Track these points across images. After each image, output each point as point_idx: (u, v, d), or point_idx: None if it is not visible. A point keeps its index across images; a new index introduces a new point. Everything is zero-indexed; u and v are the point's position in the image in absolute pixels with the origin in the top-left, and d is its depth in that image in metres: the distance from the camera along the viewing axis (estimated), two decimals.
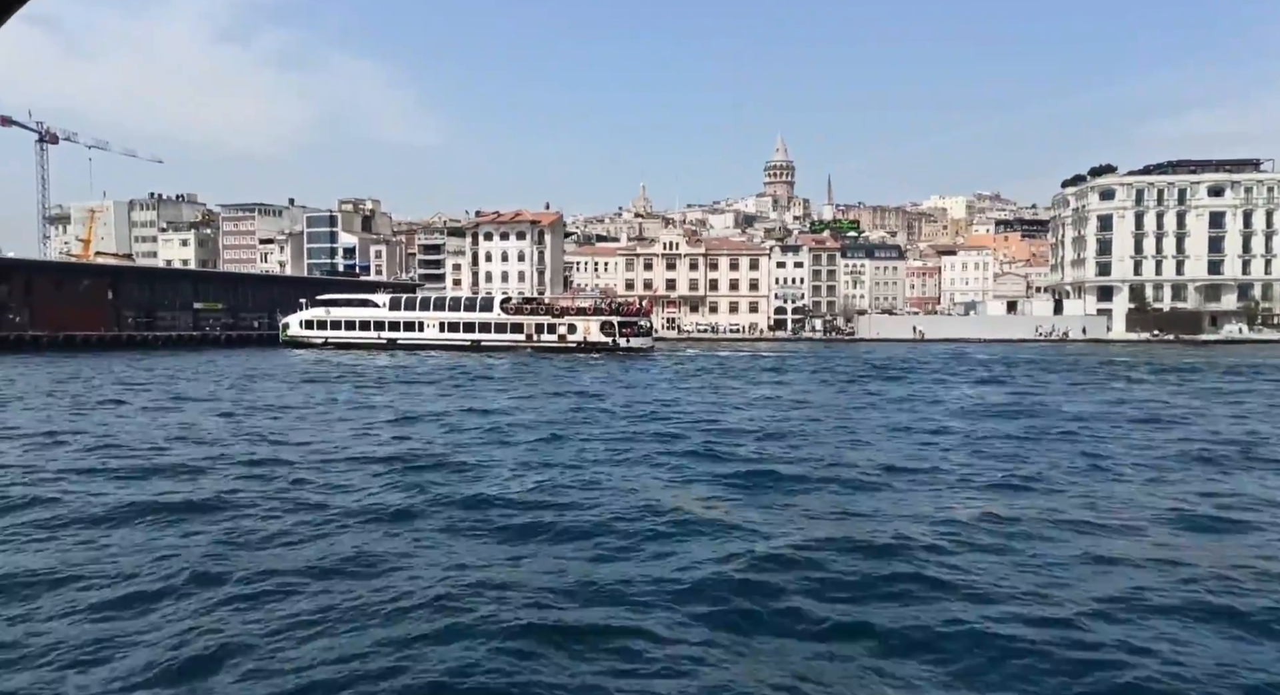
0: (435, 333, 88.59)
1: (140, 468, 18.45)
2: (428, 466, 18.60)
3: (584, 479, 17.29)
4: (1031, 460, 19.67)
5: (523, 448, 21.62)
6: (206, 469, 18.29)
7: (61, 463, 19.16)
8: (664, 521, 13.52)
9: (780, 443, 22.41)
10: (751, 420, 27.54)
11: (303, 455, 20.05)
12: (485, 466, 18.77)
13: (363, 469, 18.30)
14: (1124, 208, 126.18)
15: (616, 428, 25.79)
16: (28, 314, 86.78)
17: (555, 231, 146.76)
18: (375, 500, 15.12)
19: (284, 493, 15.79)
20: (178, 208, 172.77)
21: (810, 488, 16.45)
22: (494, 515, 14.02)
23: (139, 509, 14.32)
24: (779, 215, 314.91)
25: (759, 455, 20.25)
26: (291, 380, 45.83)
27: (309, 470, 18.09)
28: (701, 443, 22.03)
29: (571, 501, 15.06)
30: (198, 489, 16.13)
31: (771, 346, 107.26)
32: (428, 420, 27.67)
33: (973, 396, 35.92)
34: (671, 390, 40.16)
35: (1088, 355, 77.95)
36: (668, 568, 11.14)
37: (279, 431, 24.47)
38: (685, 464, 19.15)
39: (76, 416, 28.26)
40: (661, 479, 17.47)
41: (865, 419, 28.17)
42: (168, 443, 22.24)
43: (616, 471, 18.30)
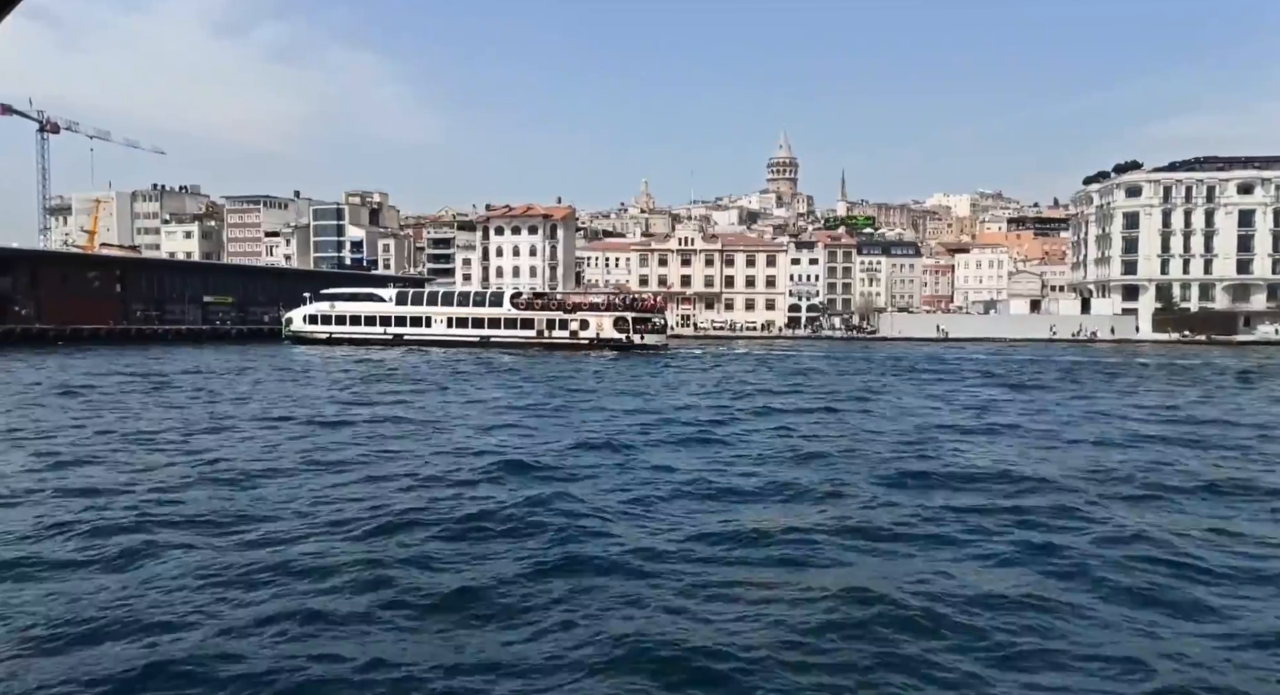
0: (443, 329, 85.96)
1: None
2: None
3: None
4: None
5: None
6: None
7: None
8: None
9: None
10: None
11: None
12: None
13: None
14: (1151, 205, 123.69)
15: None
16: (34, 307, 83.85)
17: (567, 226, 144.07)
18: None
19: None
20: (181, 199, 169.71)
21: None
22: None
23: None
24: (784, 212, 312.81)
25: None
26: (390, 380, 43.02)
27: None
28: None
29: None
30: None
31: (794, 344, 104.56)
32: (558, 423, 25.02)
33: (1143, 407, 32.45)
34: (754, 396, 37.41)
35: (1137, 357, 75.39)
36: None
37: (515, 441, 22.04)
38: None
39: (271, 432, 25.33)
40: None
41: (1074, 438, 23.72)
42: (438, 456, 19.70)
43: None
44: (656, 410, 29.76)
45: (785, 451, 20.64)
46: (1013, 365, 60.30)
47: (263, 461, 18.51)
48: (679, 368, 55.30)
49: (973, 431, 24.85)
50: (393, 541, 12.08)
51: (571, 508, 14.12)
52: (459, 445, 21.20)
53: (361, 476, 16.91)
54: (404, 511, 13.76)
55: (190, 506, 14.09)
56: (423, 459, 19.03)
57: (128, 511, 13.64)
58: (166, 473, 17.14)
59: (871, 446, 21.43)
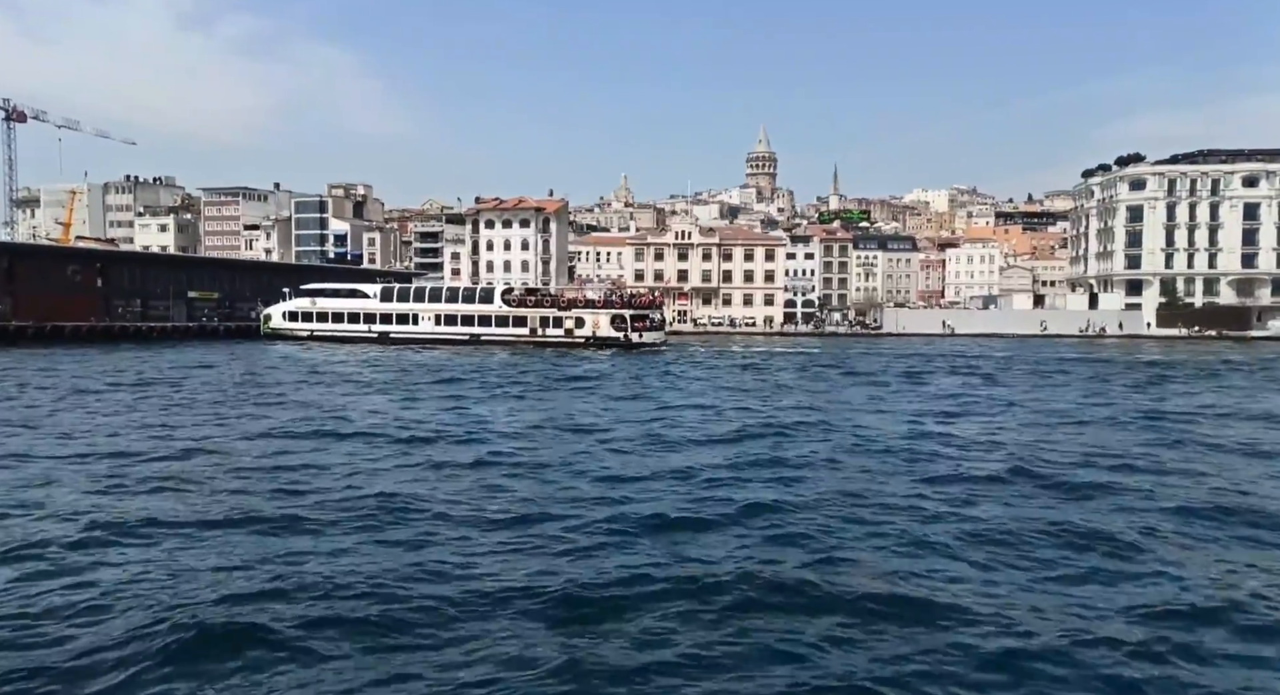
0: (430, 326, 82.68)
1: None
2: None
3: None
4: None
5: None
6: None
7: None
8: None
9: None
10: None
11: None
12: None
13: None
14: (1155, 198, 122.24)
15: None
16: (9, 302, 78.86)
17: (560, 220, 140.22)
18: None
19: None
20: (155, 191, 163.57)
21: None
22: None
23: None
24: (765, 206, 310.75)
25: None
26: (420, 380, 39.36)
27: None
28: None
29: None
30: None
31: (801, 341, 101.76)
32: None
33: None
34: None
35: (1170, 354, 73.29)
36: None
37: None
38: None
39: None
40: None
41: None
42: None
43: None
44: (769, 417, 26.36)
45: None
46: (1052, 363, 57.70)
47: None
48: (707, 371, 51.77)
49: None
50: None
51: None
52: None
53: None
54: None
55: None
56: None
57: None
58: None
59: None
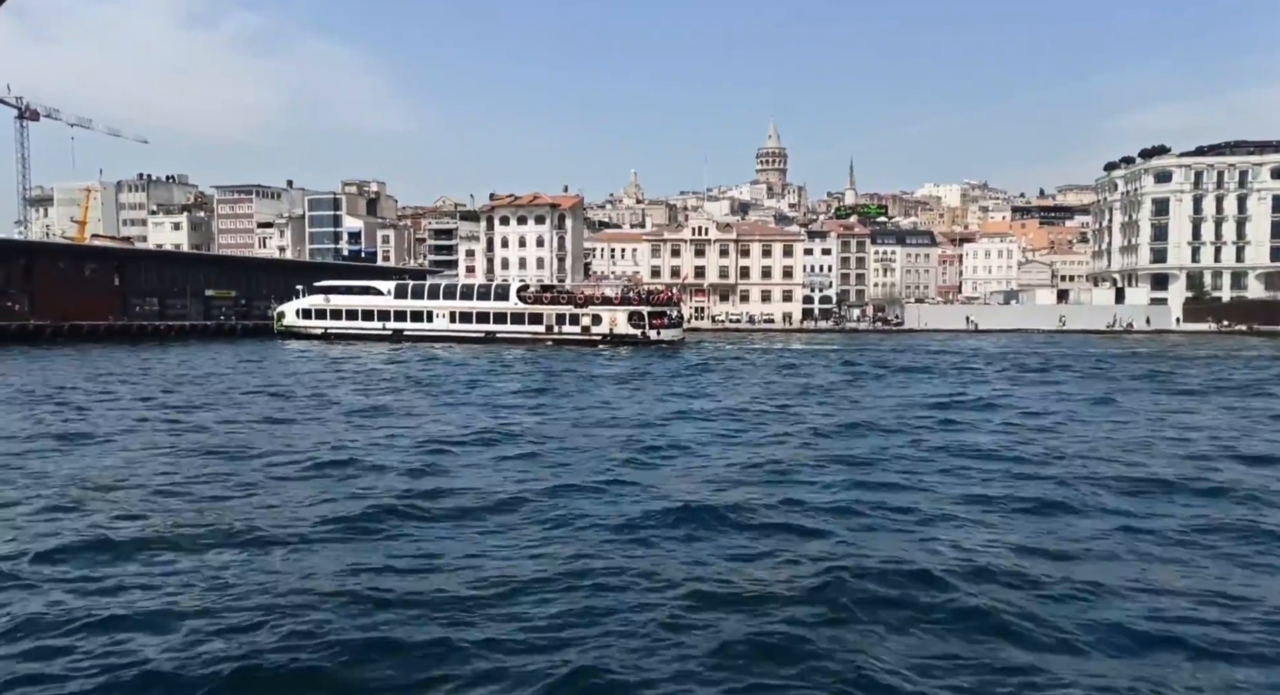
0: (445, 323, 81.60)
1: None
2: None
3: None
4: None
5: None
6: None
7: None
8: None
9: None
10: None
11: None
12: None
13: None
14: (1181, 191, 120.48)
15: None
16: (28, 301, 78.07)
17: (576, 216, 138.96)
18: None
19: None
20: (168, 189, 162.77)
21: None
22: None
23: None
24: (776, 202, 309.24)
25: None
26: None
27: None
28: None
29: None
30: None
31: (827, 338, 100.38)
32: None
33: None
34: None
35: (1230, 351, 71.58)
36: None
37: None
38: None
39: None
40: None
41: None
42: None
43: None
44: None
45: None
46: (1107, 362, 56.20)
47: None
48: (753, 373, 50.30)
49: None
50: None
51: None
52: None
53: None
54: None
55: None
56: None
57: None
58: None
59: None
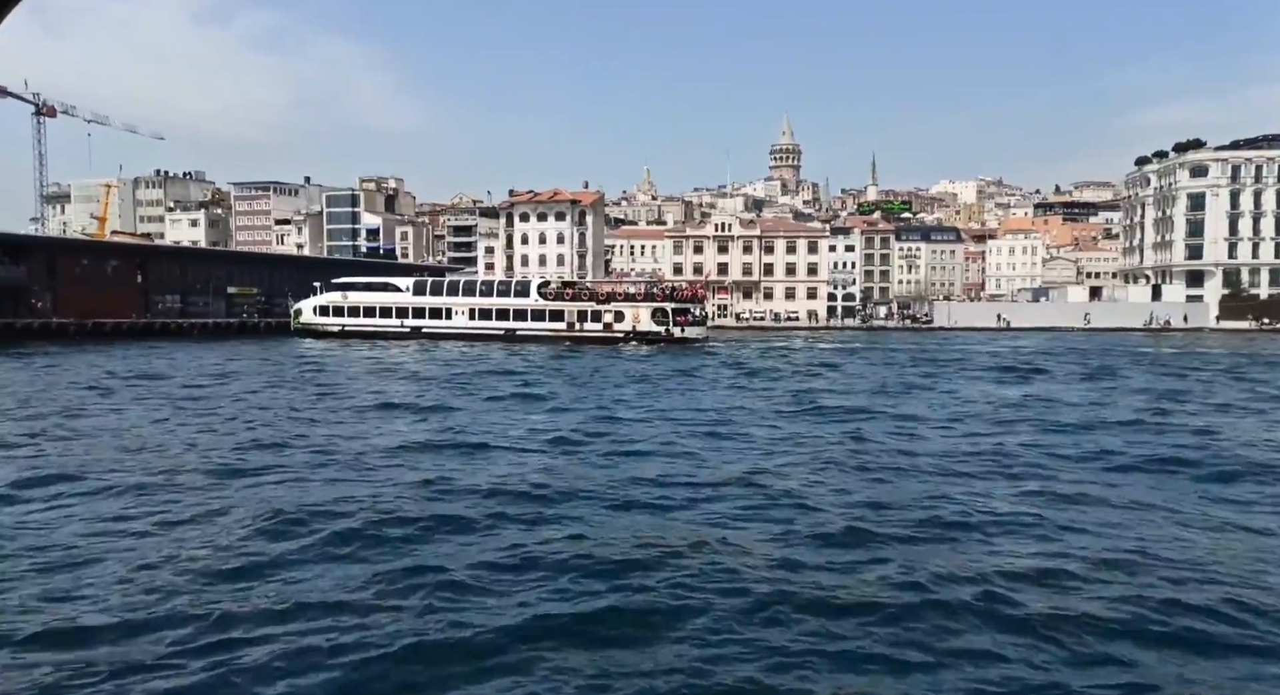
0: (465, 321, 79.80)
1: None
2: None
3: None
4: None
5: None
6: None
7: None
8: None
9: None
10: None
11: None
12: None
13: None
14: (1218, 185, 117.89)
15: None
16: (50, 298, 76.64)
17: (596, 212, 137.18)
18: None
19: None
20: (185, 186, 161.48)
21: None
22: None
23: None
24: (790, 198, 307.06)
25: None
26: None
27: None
28: None
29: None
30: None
31: (863, 335, 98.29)
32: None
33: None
34: None
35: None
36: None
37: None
38: None
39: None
40: None
41: None
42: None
43: None
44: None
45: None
46: (1186, 362, 53.86)
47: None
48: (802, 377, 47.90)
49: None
50: None
51: None
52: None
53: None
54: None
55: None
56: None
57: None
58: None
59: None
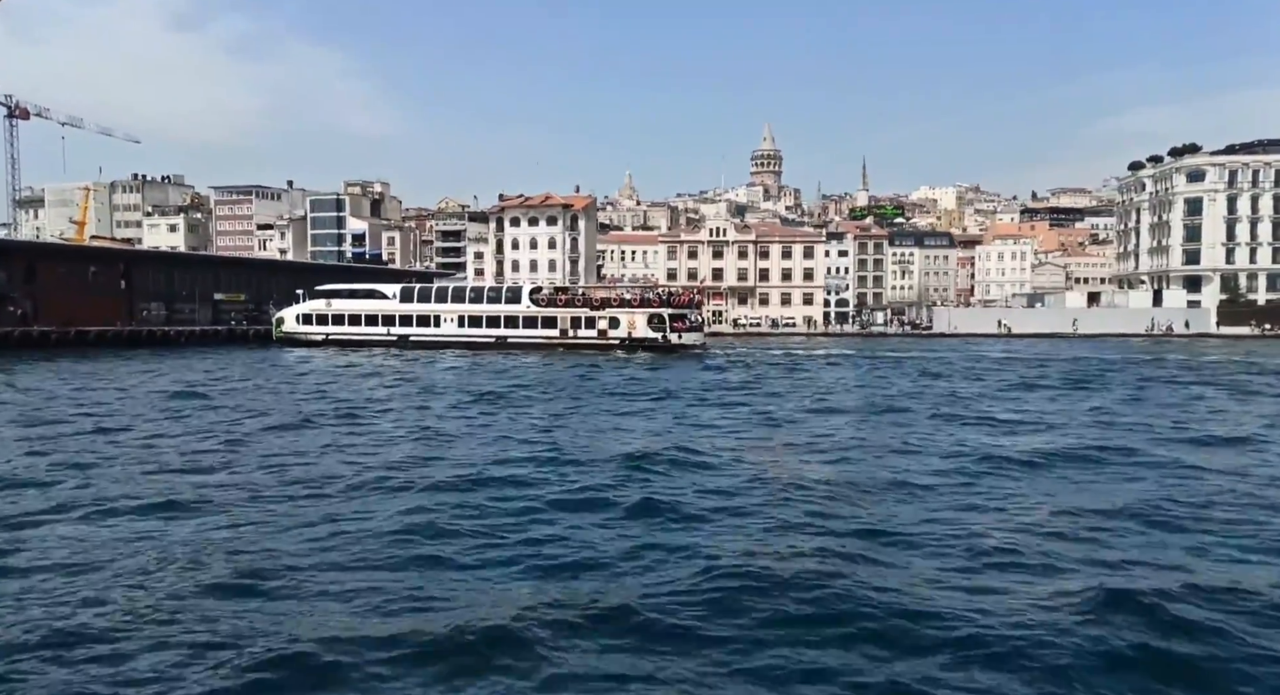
0: (454, 328, 77.33)
1: None
2: None
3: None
4: None
5: None
6: None
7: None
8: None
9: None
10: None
11: None
12: None
13: None
14: (1215, 190, 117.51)
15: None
16: (30, 305, 73.16)
17: (589, 217, 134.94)
18: None
19: None
20: (164, 190, 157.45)
21: None
22: None
23: None
24: (772, 204, 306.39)
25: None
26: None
27: None
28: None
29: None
30: None
31: (865, 342, 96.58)
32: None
33: None
34: None
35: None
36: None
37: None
38: None
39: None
40: None
41: None
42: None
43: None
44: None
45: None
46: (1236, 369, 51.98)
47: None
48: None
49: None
50: None
51: None
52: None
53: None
54: None
55: None
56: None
57: None
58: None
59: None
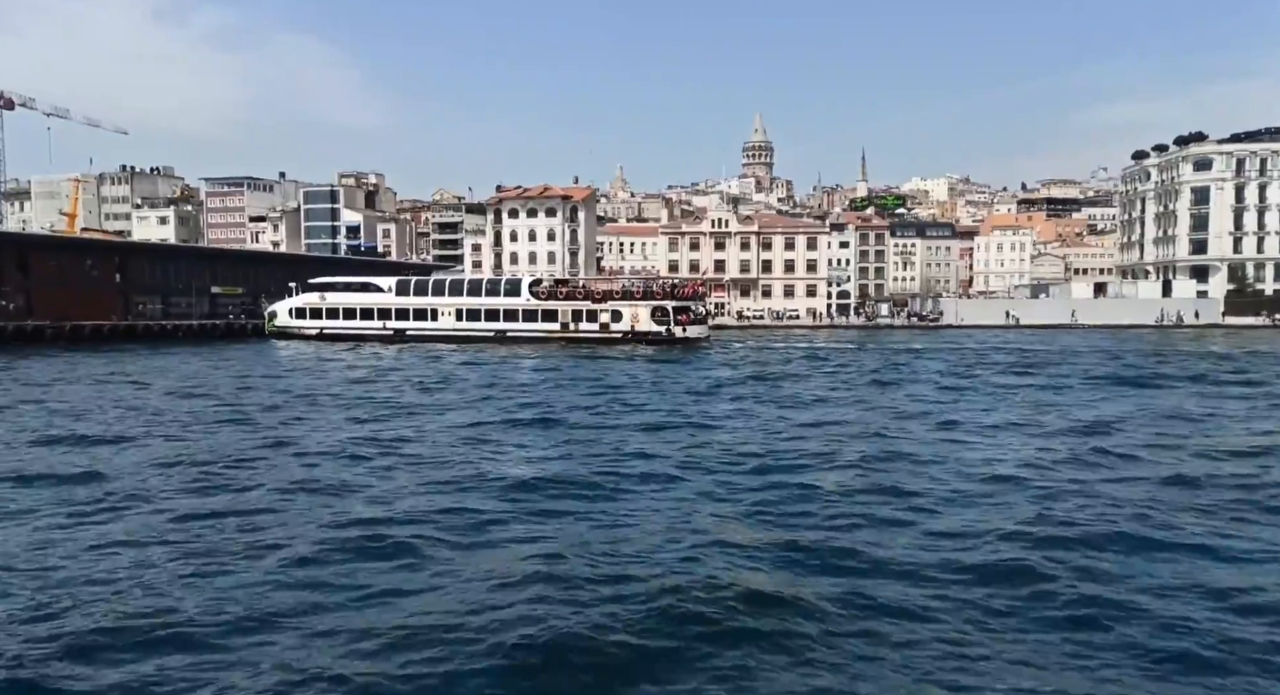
0: (451, 322, 75.71)
1: None
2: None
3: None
4: None
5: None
6: None
7: None
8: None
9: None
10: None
11: None
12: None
13: None
14: (1223, 179, 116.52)
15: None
16: (24, 299, 70.79)
17: (588, 208, 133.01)
18: None
19: None
20: (153, 182, 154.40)
21: None
22: None
23: None
24: (764, 196, 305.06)
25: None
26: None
27: None
28: None
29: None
30: None
31: (878, 333, 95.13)
32: None
33: None
34: None
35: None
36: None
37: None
38: None
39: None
40: None
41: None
42: None
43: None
44: None
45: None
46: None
47: None
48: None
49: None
50: None
51: None
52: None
53: None
54: None
55: None
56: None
57: None
58: None
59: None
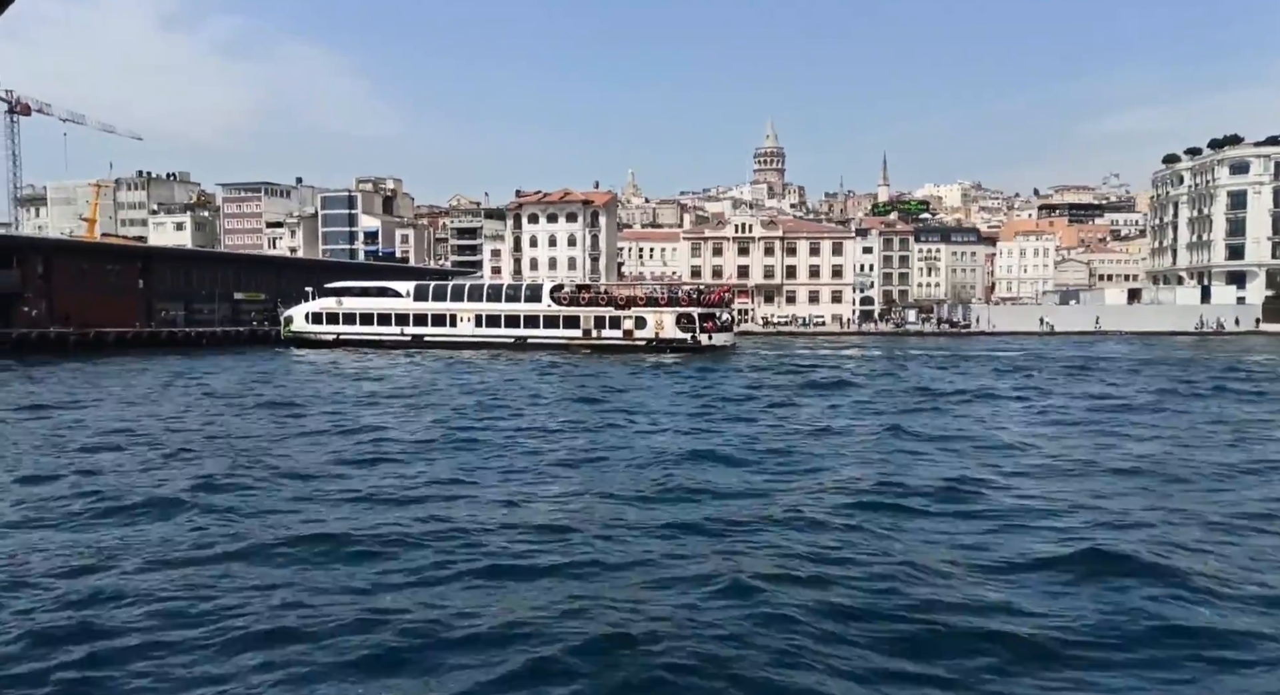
0: (471, 328, 73.93)
1: None
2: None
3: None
4: None
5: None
6: None
7: None
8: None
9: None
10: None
11: None
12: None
13: None
14: (1260, 182, 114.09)
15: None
16: (45, 305, 69.04)
17: (610, 213, 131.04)
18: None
19: None
20: (169, 187, 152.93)
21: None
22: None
23: None
24: (776, 202, 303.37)
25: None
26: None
27: None
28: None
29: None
30: None
31: (903, 341, 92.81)
32: None
33: None
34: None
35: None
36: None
37: None
38: None
39: None
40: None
41: None
42: None
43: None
44: None
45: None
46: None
47: None
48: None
49: None
50: None
51: None
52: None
53: None
54: None
55: None
56: None
57: None
58: None
59: None
